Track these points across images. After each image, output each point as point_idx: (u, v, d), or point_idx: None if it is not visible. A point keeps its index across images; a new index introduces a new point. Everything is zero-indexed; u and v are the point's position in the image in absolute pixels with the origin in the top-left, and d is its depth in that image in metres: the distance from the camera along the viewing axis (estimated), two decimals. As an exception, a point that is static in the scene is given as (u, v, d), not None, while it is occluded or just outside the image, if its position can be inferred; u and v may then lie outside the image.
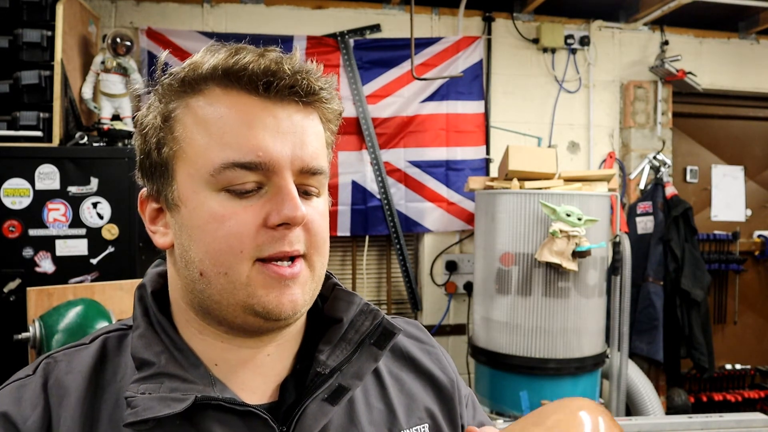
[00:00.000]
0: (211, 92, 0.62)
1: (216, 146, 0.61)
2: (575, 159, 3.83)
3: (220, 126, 0.61)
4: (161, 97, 0.65)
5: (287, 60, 0.62)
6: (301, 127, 0.63)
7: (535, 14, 3.76)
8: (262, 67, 0.61)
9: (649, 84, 3.88)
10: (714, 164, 4.24)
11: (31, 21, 2.64)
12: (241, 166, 0.60)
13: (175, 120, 0.64)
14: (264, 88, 0.61)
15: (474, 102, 3.65)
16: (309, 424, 0.64)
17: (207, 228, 0.62)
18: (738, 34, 4.05)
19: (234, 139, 0.61)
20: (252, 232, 0.61)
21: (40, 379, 0.64)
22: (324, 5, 3.52)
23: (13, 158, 2.46)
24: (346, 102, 3.47)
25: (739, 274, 4.21)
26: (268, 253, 0.61)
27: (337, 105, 0.68)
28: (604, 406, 0.48)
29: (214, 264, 0.62)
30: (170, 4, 3.35)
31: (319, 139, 0.66)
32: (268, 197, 0.62)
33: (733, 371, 4.18)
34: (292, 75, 0.62)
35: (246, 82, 0.61)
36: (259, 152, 0.61)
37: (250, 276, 0.61)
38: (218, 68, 0.62)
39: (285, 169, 0.62)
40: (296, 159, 0.62)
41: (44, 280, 2.42)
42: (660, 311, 3.62)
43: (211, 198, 0.62)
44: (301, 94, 0.63)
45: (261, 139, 0.61)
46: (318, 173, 0.65)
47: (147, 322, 0.67)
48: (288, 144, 0.62)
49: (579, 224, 2.64)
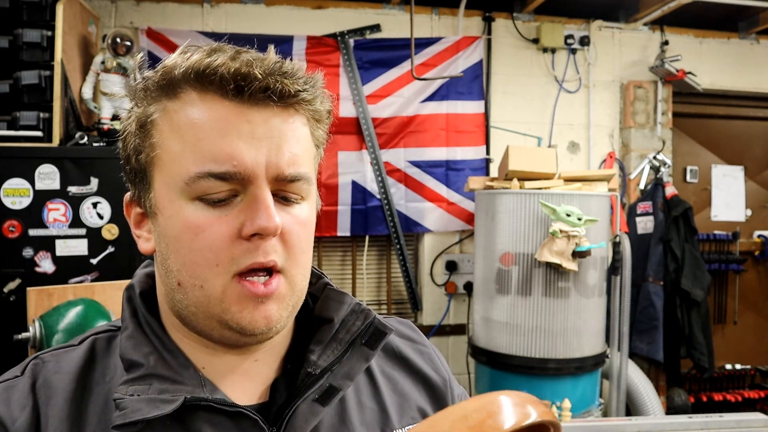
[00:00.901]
0: (188, 96, 0.61)
1: (190, 154, 0.60)
2: (575, 159, 3.83)
3: (194, 133, 0.60)
4: (139, 102, 0.64)
5: (260, 61, 0.60)
6: (279, 131, 0.61)
7: (535, 14, 3.76)
8: (232, 70, 0.59)
9: (649, 84, 3.89)
10: (714, 164, 4.24)
11: (31, 21, 2.64)
12: (215, 176, 0.59)
13: (153, 125, 0.62)
14: (236, 92, 0.59)
15: (474, 102, 3.65)
16: (299, 424, 0.63)
17: (182, 239, 0.61)
18: (738, 34, 4.05)
19: (208, 147, 0.59)
20: (226, 244, 0.60)
21: (28, 380, 0.64)
22: (324, 5, 3.52)
23: (13, 158, 2.46)
24: (346, 102, 3.47)
25: (739, 274, 4.21)
26: (244, 266, 0.60)
27: (323, 104, 0.65)
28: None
29: (190, 276, 0.61)
30: (170, 4, 3.35)
31: (301, 143, 0.63)
32: (243, 206, 0.60)
33: (733, 371, 4.18)
34: (265, 77, 0.59)
35: (219, 86, 0.59)
36: (234, 161, 0.59)
37: (225, 291, 0.60)
38: (190, 71, 0.60)
39: (259, 178, 0.60)
40: (271, 166, 0.60)
41: (44, 280, 2.42)
42: (660, 311, 3.62)
43: (186, 207, 0.60)
44: (275, 98, 0.60)
45: (235, 147, 0.59)
46: (296, 180, 0.62)
47: (135, 323, 0.67)
48: (263, 151, 0.60)
49: (579, 224, 2.64)
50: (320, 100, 0.65)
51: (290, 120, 0.62)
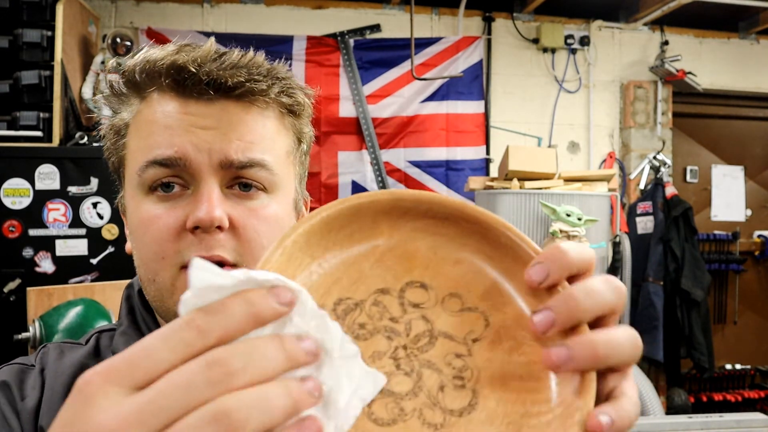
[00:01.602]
0: (151, 97, 0.62)
1: (143, 149, 0.61)
2: (575, 159, 3.83)
3: (147, 129, 0.61)
4: (111, 106, 0.65)
5: (203, 54, 0.60)
6: (228, 121, 0.60)
7: (535, 14, 3.76)
8: (168, 63, 0.59)
9: (649, 84, 3.88)
10: (714, 164, 4.24)
11: (31, 21, 2.64)
12: (158, 163, 0.59)
13: (125, 127, 0.64)
14: (175, 85, 0.59)
15: (474, 102, 3.65)
16: None
17: (138, 233, 0.61)
18: (738, 34, 4.05)
19: (154, 139, 0.60)
20: (172, 237, 0.59)
21: (38, 366, 0.66)
22: (324, 5, 3.52)
23: (13, 158, 2.46)
24: (346, 102, 3.48)
25: (739, 274, 4.21)
26: (188, 259, 0.58)
27: (280, 93, 0.63)
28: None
29: (145, 270, 0.61)
30: (170, 4, 3.35)
31: (258, 132, 0.61)
32: (191, 199, 0.59)
33: (733, 371, 4.18)
34: (199, 70, 0.58)
35: (168, 83, 0.60)
36: (175, 147, 0.59)
37: (175, 284, 0.59)
38: (143, 71, 0.61)
39: (203, 166, 0.59)
40: (215, 152, 0.59)
41: (44, 280, 2.42)
42: (660, 311, 3.62)
43: (143, 202, 0.61)
44: (212, 90, 0.59)
45: (177, 136, 0.59)
46: (249, 166, 0.60)
47: (131, 319, 0.67)
48: (207, 138, 0.59)
49: (579, 224, 2.64)
50: (277, 90, 0.63)
51: (244, 112, 0.61)
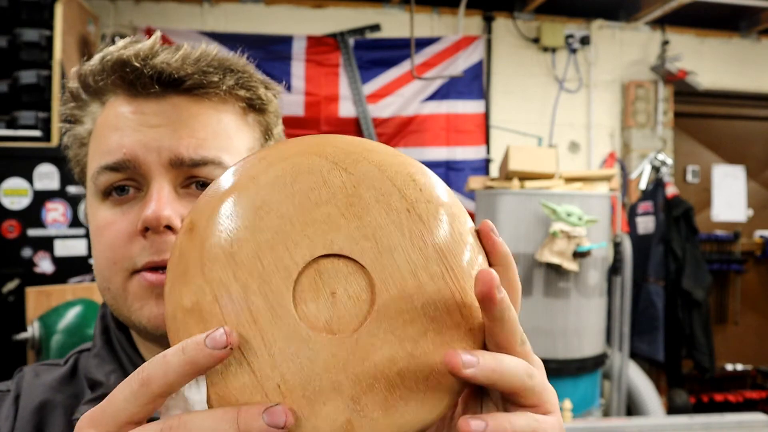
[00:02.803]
0: (109, 100, 0.60)
1: (97, 154, 0.58)
2: (576, 159, 3.82)
3: (101, 133, 0.59)
4: (74, 115, 0.62)
5: (147, 48, 0.57)
6: (178, 118, 0.57)
7: (536, 14, 3.76)
8: (112, 60, 0.56)
9: (649, 84, 3.88)
10: (715, 164, 4.23)
11: (30, 20, 2.64)
12: (109, 168, 0.56)
13: (88, 135, 0.61)
14: (121, 82, 0.57)
15: (474, 102, 3.64)
16: None
17: (94, 241, 0.59)
18: (739, 34, 4.04)
19: (105, 143, 0.57)
20: (124, 241, 0.56)
21: (13, 392, 0.63)
22: (324, 5, 3.52)
23: (11, 158, 2.45)
24: (346, 102, 3.47)
25: (740, 275, 4.20)
26: (140, 264, 0.55)
27: (236, 86, 0.60)
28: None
29: (101, 279, 0.59)
30: (170, 4, 3.35)
31: (212, 128, 0.58)
32: (144, 202, 0.56)
33: (735, 372, 4.17)
34: (149, 64, 0.55)
35: (116, 80, 0.57)
36: (124, 149, 0.56)
37: (127, 288, 0.56)
38: (93, 74, 0.58)
39: (153, 165, 0.55)
40: (164, 150, 0.55)
41: (43, 280, 2.42)
42: (661, 311, 3.61)
43: (99, 209, 0.58)
44: (157, 85, 0.56)
45: (126, 137, 0.56)
46: (202, 164, 0.56)
47: (104, 340, 0.64)
48: (155, 137, 0.56)
49: (579, 224, 2.63)
50: (243, 86, 0.60)
51: (196, 107, 0.58)
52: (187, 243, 0.37)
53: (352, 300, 0.36)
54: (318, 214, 0.36)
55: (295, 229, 0.36)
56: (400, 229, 0.37)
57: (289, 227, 0.36)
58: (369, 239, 0.36)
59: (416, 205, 0.37)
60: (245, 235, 0.36)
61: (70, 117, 0.62)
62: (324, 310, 0.36)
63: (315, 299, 0.36)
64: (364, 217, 0.37)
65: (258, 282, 0.35)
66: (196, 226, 0.37)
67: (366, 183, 0.37)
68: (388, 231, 0.37)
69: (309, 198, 0.37)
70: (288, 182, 0.37)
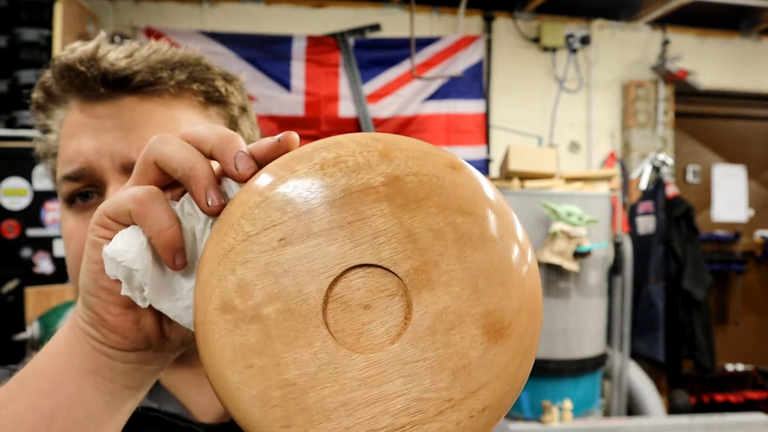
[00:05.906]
0: (70, 107, 0.59)
1: (59, 163, 0.58)
2: (576, 159, 3.81)
3: (63, 141, 0.58)
4: (43, 125, 0.61)
5: (91, 49, 0.55)
6: (131, 119, 0.56)
7: (536, 13, 3.75)
8: (58, 66, 0.55)
9: (650, 83, 3.87)
10: (715, 164, 4.23)
11: (29, 20, 2.63)
12: (69, 178, 0.56)
13: (56, 142, 0.60)
14: (71, 86, 0.56)
15: (474, 101, 3.64)
16: None
17: (64, 248, 0.59)
18: (740, 34, 4.04)
19: (64, 151, 0.57)
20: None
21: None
22: (324, 4, 3.51)
23: (11, 158, 2.45)
24: (346, 101, 3.46)
25: (740, 275, 4.19)
26: None
27: (189, 80, 0.58)
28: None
29: (75, 287, 0.57)
30: (169, 4, 3.35)
31: (165, 126, 0.57)
32: None
33: (735, 372, 4.16)
34: (95, 66, 0.54)
35: (65, 86, 0.56)
36: (81, 158, 0.55)
37: None
38: (51, 83, 0.57)
39: (107, 170, 0.55)
40: (117, 155, 0.55)
41: (43, 280, 2.42)
42: (661, 312, 3.61)
43: (66, 216, 0.58)
44: (102, 87, 0.55)
45: (81, 144, 0.56)
46: None
47: None
48: (108, 142, 0.55)
49: (580, 224, 2.63)
50: (198, 79, 0.59)
51: (148, 106, 0.57)
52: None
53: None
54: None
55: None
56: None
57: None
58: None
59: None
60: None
61: (41, 127, 0.62)
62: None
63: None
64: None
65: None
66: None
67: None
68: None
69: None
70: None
